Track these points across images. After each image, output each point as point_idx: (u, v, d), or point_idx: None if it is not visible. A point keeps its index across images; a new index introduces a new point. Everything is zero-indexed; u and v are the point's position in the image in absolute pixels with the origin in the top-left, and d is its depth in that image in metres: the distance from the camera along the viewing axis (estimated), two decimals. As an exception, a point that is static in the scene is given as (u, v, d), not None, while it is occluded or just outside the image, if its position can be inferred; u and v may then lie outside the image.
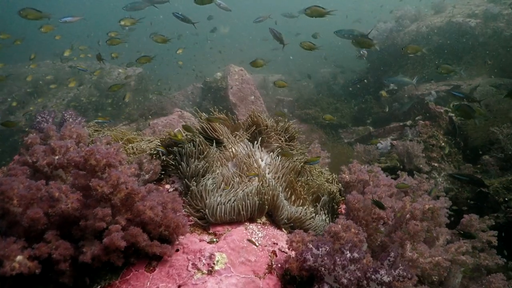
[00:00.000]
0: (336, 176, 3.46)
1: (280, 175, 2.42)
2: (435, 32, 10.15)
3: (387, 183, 2.46)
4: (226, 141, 2.45)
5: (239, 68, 11.67)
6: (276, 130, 2.76)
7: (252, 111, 2.73)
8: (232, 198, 2.01)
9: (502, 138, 5.89)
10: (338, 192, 2.64)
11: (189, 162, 2.18)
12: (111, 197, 1.65)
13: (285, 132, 2.83)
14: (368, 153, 6.96)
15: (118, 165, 1.73)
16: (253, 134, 2.69)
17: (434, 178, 5.80)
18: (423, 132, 6.64)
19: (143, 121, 9.83)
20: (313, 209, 2.40)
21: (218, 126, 2.46)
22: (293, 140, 2.83)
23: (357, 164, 2.47)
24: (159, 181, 2.32)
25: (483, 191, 5.29)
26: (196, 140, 2.31)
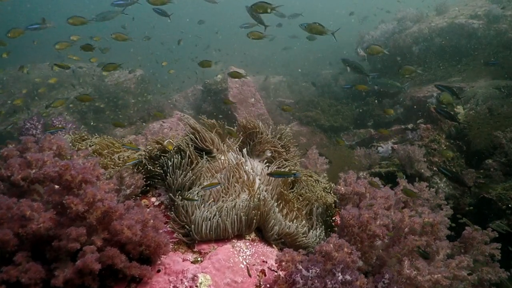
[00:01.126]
0: (333, 185, 3.34)
1: (271, 186, 2.31)
2: (437, 34, 10.01)
3: (384, 195, 2.34)
4: (216, 151, 2.35)
5: (239, 70, 11.57)
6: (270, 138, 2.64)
7: (244, 118, 2.62)
8: (218, 214, 1.90)
9: (505, 142, 5.76)
10: (333, 203, 2.53)
11: (175, 174, 2.07)
12: (87, 216, 1.55)
13: (279, 139, 2.71)
14: (368, 157, 6.84)
15: (95, 181, 1.63)
16: (245, 141, 2.59)
17: (436, 184, 5.67)
18: (424, 136, 6.51)
19: (142, 124, 9.74)
20: (307, 223, 2.29)
21: (208, 135, 2.35)
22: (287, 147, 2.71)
23: (353, 175, 2.35)
24: (145, 193, 2.21)
25: (486, 197, 5.16)
26: (186, 150, 2.20)
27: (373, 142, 9.02)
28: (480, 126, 6.39)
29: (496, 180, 5.55)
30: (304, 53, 20.83)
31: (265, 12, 3.49)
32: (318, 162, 4.40)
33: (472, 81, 9.40)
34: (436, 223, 2.28)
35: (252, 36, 3.84)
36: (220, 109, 10.96)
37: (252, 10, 3.54)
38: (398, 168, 6.10)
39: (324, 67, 17.23)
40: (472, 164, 6.17)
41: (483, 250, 2.78)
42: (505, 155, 5.80)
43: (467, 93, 8.67)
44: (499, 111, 6.59)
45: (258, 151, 2.59)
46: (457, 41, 9.78)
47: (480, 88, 8.51)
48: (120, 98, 13.23)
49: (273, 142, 2.67)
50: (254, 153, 2.57)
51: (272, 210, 2.01)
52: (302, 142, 10.32)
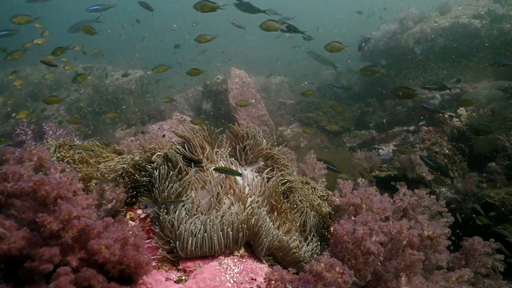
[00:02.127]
0: (331, 193, 3.24)
1: (263, 197, 2.22)
2: (440, 34, 9.88)
3: (381, 206, 2.24)
4: (206, 160, 2.25)
5: (240, 71, 11.47)
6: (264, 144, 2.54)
7: (235, 126, 2.53)
8: (204, 228, 1.81)
9: (508, 145, 5.64)
10: (329, 214, 2.43)
11: (161, 185, 1.98)
12: (62, 234, 1.46)
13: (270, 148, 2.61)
14: (369, 160, 6.73)
15: (71, 196, 1.54)
16: (237, 149, 2.49)
17: (437, 188, 5.55)
18: (426, 138, 6.40)
19: (141, 126, 9.66)
20: (300, 235, 2.19)
21: (197, 144, 2.25)
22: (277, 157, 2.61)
23: (348, 185, 2.26)
24: (131, 205, 2.13)
25: (489, 202, 5.05)
26: (173, 159, 2.11)
27: (374, 144, 8.92)
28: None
29: (499, 184, 5.43)
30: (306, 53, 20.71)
31: (212, 11, 3.49)
32: (316, 167, 4.30)
33: (475, 82, 9.27)
34: (435, 236, 2.19)
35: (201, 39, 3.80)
36: (220, 110, 10.88)
37: (197, 9, 3.54)
38: (399, 171, 5.99)
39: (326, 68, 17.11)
40: (475, 167, 6.06)
41: (485, 262, 2.67)
42: (508, 158, 5.69)
43: (470, 94, 8.55)
44: (503, 113, 6.47)
45: (251, 159, 2.50)
46: (459, 41, 9.65)
47: (483, 89, 8.39)
48: (120, 99, 13.18)
49: (266, 149, 2.57)
50: (247, 161, 2.48)
51: (262, 223, 1.91)
52: (302, 143, 10.23)
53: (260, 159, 2.53)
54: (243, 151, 2.47)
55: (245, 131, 2.50)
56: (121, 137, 9.68)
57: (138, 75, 14.10)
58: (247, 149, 2.47)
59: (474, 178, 5.41)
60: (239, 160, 2.43)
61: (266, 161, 2.55)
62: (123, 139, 9.50)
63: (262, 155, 2.51)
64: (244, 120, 10.61)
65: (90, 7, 4.44)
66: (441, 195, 5.54)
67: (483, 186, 5.50)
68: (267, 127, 10.81)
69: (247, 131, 2.51)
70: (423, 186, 5.77)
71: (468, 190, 5.44)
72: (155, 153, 2.16)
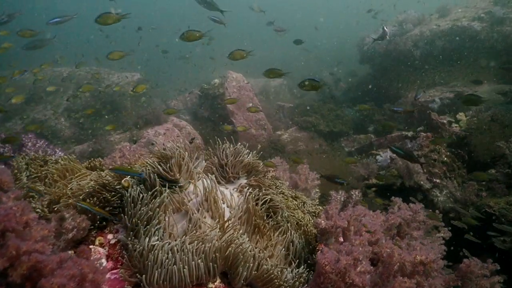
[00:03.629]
0: (321, 208, 3.09)
1: (244, 219, 2.07)
2: (439, 36, 9.73)
3: (370, 228, 2.10)
4: (184, 180, 2.11)
5: (237, 74, 11.34)
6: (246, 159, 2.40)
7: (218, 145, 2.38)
8: (174, 258, 1.66)
9: (508, 153, 5.49)
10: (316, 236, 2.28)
11: (130, 210, 1.84)
12: (9, 273, 1.32)
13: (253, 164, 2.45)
14: (366, 167, 6.58)
15: (21, 229, 1.40)
16: (218, 165, 2.35)
17: (436, 197, 5.40)
18: (424, 145, 6.23)
19: (136, 131, 9.53)
20: (284, 260, 2.05)
21: (174, 162, 2.11)
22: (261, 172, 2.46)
23: (335, 206, 2.11)
24: (102, 229, 1.98)
25: (488, 212, 4.90)
26: (147, 180, 1.97)
27: (372, 149, 8.77)
28: (482, 134, 6.12)
29: (499, 193, 5.28)
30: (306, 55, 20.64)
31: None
32: (309, 178, 4.15)
33: (475, 86, 9.12)
34: (429, 262, 2.04)
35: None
36: (217, 114, 10.75)
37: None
38: (397, 179, 5.84)
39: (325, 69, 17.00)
40: (474, 174, 5.91)
41: (482, 285, 2.52)
42: (508, 166, 5.53)
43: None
44: (503, 119, 6.31)
45: (233, 176, 2.35)
46: (459, 44, 9.50)
47: (483, 93, 8.23)
48: (117, 102, 13.07)
49: (249, 165, 2.42)
50: (228, 179, 2.33)
51: (241, 251, 1.77)
52: (300, 148, 10.09)
53: (243, 176, 2.39)
54: (224, 168, 2.33)
55: (222, 148, 2.36)
56: (116, 142, 9.56)
57: (136, 78, 14.00)
58: (228, 166, 2.32)
59: (473, 186, 5.26)
60: (220, 178, 2.29)
61: (249, 178, 2.40)
62: (118, 143, 9.38)
63: (244, 172, 2.36)
64: (242, 124, 10.49)
65: (51, 20, 4.31)
66: (440, 204, 5.39)
67: (482, 194, 5.34)
68: (264, 131, 10.68)
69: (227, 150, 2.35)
70: (421, 194, 5.63)
71: (467, 199, 5.29)
72: (122, 183, 2.01)
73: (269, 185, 2.45)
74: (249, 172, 2.44)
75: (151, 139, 9.16)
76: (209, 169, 2.37)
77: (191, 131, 9.98)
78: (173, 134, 9.74)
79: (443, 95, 9.08)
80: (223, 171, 2.34)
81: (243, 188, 2.27)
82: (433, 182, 5.64)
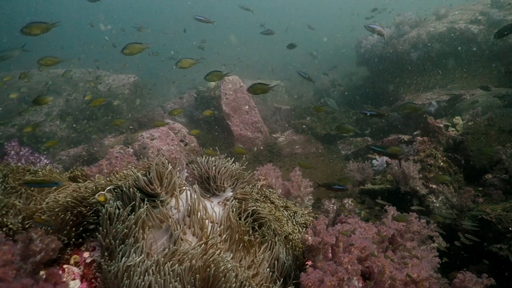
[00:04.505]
0: (311, 220, 3.01)
1: (228, 234, 1.99)
2: (436, 39, 9.67)
3: (360, 244, 2.02)
4: (165, 194, 2.01)
5: (233, 76, 11.27)
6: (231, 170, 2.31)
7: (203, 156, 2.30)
8: (149, 281, 1.57)
9: (505, 158, 5.42)
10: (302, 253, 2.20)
11: (105, 228, 1.75)
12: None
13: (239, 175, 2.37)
14: (362, 172, 6.51)
15: (-17, 254, 1.32)
16: (203, 179, 2.26)
17: (432, 203, 5.33)
18: (420, 149, 6.17)
19: (131, 134, 9.43)
20: (269, 277, 1.96)
21: (157, 175, 2.02)
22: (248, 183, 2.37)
23: (324, 221, 2.03)
24: (79, 246, 1.90)
25: (485, 218, 4.82)
26: (126, 194, 1.88)
27: (369, 152, 8.70)
28: (479, 138, 6.06)
29: (496, 199, 5.21)
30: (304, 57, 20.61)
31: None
32: (302, 185, 4.07)
33: (472, 88, 9.05)
34: (421, 280, 1.95)
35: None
36: (213, 117, 10.67)
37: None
38: (392, 185, 5.77)
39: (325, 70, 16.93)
40: (471, 178, 5.84)
41: (476, 301, 2.44)
42: (505, 171, 5.46)
43: (466, 101, 8.34)
44: (500, 124, 6.25)
45: (218, 188, 2.27)
46: (456, 46, 9.44)
47: (481, 96, 8.17)
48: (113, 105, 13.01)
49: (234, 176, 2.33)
50: (213, 191, 2.25)
51: (222, 270, 1.69)
52: (297, 151, 10.01)
53: (228, 188, 2.30)
54: (209, 180, 2.24)
55: (206, 159, 2.27)
56: (110, 145, 9.47)
57: (132, 80, 13.94)
58: (212, 178, 2.23)
59: (469, 193, 5.18)
60: (204, 191, 2.20)
61: (235, 191, 2.31)
62: (112, 147, 9.31)
63: (230, 184, 2.27)
64: (237, 127, 10.43)
65: None
66: (436, 210, 5.32)
67: (479, 200, 5.27)
68: (261, 134, 10.60)
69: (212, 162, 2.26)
70: (417, 200, 5.56)
71: (463, 205, 5.21)
72: (97, 198, 1.91)
73: (256, 197, 2.36)
74: (235, 184, 2.35)
75: (145, 142, 9.07)
76: (194, 181, 2.28)
77: (186, 134, 9.89)
78: (168, 137, 9.65)
79: (440, 98, 9.02)
80: (208, 183, 2.26)
81: (228, 202, 2.18)
82: (429, 187, 5.56)
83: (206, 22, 5.29)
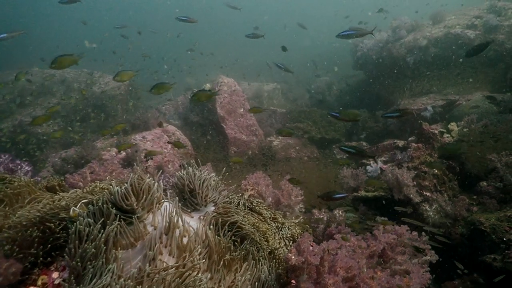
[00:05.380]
0: (298, 233, 2.92)
1: (206, 255, 1.89)
2: (433, 43, 9.61)
3: (345, 265, 1.92)
4: (142, 210, 1.91)
5: (228, 79, 11.18)
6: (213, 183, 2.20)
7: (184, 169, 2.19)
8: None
9: (500, 166, 5.34)
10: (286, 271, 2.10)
11: (73, 248, 1.64)
12: None
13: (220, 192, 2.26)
14: (356, 178, 6.42)
15: None
16: (185, 192, 2.16)
17: (425, 211, 5.25)
18: (415, 156, 6.08)
19: (123, 136, 9.31)
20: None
21: (133, 189, 1.92)
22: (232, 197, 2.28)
23: (308, 240, 1.93)
24: (48, 265, 1.79)
25: (479, 228, 4.74)
26: (98, 210, 1.77)
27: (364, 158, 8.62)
28: (474, 146, 5.98)
29: (490, 208, 5.13)
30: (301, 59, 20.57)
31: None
32: (292, 194, 3.97)
33: (468, 94, 9.00)
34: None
35: None
36: (208, 120, 10.58)
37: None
38: (386, 192, 5.68)
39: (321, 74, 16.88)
40: (465, 185, 5.77)
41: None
42: (500, 179, 5.39)
43: (462, 107, 8.28)
44: (495, 131, 6.18)
45: (199, 202, 2.17)
46: (453, 51, 9.38)
47: (476, 102, 8.11)
48: (107, 106, 12.90)
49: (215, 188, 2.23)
50: (194, 206, 2.14)
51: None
52: (292, 155, 9.92)
53: (211, 203, 2.20)
54: (190, 194, 2.14)
55: (190, 174, 2.17)
56: (102, 147, 9.36)
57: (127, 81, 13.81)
58: (193, 192, 2.14)
59: (464, 201, 5.11)
60: (185, 205, 2.10)
61: (217, 205, 2.21)
62: (104, 149, 9.21)
63: (212, 198, 2.18)
64: (232, 130, 10.34)
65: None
66: (429, 219, 5.24)
67: (473, 209, 5.20)
68: (255, 137, 10.51)
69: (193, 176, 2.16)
70: (411, 207, 5.48)
71: (457, 213, 5.14)
72: (70, 215, 1.81)
73: (239, 209, 2.26)
74: (218, 198, 2.25)
75: (138, 145, 8.97)
76: (175, 195, 2.18)
77: (180, 136, 9.78)
78: (161, 140, 9.55)
79: (436, 103, 8.96)
80: (191, 196, 2.16)
81: (208, 217, 2.08)
82: (423, 195, 5.48)
83: (190, 22, 5.20)
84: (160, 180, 2.34)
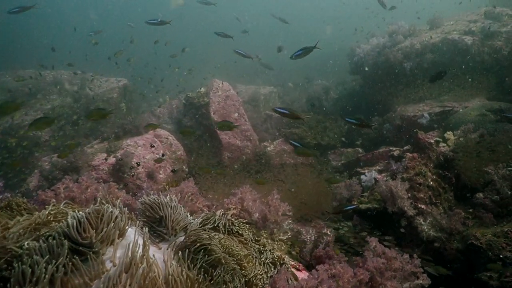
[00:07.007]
0: (279, 257, 2.74)
1: (179, 283, 1.71)
2: (429, 49, 9.46)
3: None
4: (101, 243, 1.72)
5: (224, 83, 11.00)
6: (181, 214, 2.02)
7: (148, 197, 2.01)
8: None
9: (497, 179, 5.17)
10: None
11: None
12: None
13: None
14: (349, 189, 6.27)
15: None
16: (153, 220, 1.98)
17: (420, 225, 5.08)
18: (410, 166, 5.91)
19: (114, 141, 9.12)
20: None
21: (93, 219, 1.74)
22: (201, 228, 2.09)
23: (284, 278, 1.76)
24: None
25: (475, 244, 4.57)
26: (53, 242, 1.59)
27: (359, 165, 8.46)
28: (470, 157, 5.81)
29: (486, 222, 4.96)
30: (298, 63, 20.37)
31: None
32: (279, 210, 3.80)
33: (465, 101, 8.84)
34: None
35: None
36: (202, 124, 10.40)
37: None
38: (379, 204, 5.52)
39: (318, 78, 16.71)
40: (461, 197, 5.61)
41: None
42: (497, 192, 5.22)
43: (458, 114, 8.11)
44: (491, 141, 6.01)
45: (169, 232, 1.99)
46: (450, 57, 9.23)
47: (473, 110, 7.94)
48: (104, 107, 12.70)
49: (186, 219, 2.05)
50: (163, 235, 1.97)
51: None
52: (286, 161, 9.73)
53: (181, 232, 2.02)
54: (160, 223, 1.96)
55: (158, 202, 1.99)
56: (93, 153, 9.16)
57: (121, 84, 13.62)
58: (163, 221, 1.96)
59: (459, 215, 4.94)
60: (154, 235, 1.92)
61: (188, 233, 2.04)
62: (95, 154, 9.02)
63: (182, 226, 2.00)
64: (226, 135, 10.14)
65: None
66: (424, 233, 5.07)
67: (468, 223, 5.03)
68: (250, 142, 10.32)
69: (159, 201, 1.99)
70: (405, 220, 5.31)
71: (453, 227, 4.97)
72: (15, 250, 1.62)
73: (210, 235, 2.08)
74: (190, 224, 2.08)
75: (129, 151, 8.77)
76: (143, 224, 2.00)
77: (173, 142, 9.58)
78: (153, 145, 9.36)
79: (432, 110, 8.80)
80: (157, 226, 1.98)
81: (177, 248, 1.91)
82: (417, 208, 5.32)
83: (161, 24, 5.06)
84: (140, 197, 2.16)
